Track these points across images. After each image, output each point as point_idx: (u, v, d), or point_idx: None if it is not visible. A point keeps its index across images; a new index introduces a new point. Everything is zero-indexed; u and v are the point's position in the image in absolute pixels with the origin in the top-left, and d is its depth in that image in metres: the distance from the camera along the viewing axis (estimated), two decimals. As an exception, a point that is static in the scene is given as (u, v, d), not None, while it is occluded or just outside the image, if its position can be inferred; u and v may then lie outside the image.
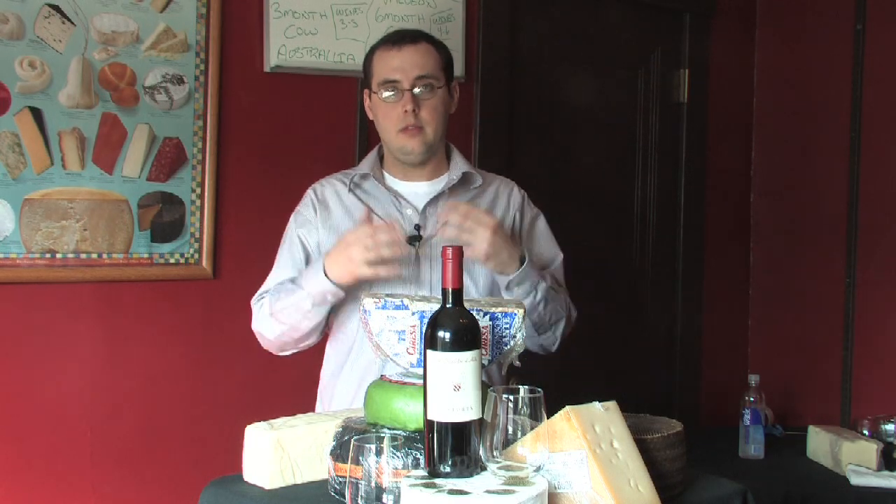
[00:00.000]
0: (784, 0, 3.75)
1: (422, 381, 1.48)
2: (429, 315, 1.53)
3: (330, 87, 2.74)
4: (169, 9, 2.48)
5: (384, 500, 1.40)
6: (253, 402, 2.50)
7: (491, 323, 1.66)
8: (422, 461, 1.49)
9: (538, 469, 1.42)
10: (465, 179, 2.18)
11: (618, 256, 3.52)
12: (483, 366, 1.54)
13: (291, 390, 2.33)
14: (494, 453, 1.41)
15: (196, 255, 2.55)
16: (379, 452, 1.40)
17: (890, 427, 3.05)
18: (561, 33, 3.31)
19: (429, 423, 1.46)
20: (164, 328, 2.53)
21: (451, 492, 1.37)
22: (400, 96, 2.08)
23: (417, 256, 2.10)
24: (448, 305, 1.48)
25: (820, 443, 3.04)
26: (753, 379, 3.17)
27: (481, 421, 1.44)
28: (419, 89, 2.08)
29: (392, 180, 2.19)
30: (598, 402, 1.55)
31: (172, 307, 2.53)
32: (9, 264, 2.31)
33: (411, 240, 2.10)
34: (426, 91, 2.09)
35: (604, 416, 1.54)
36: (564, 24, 3.32)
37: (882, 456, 2.88)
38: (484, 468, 1.45)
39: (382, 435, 1.50)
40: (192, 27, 2.51)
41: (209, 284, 2.57)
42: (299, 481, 1.66)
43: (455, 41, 2.86)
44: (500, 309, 1.67)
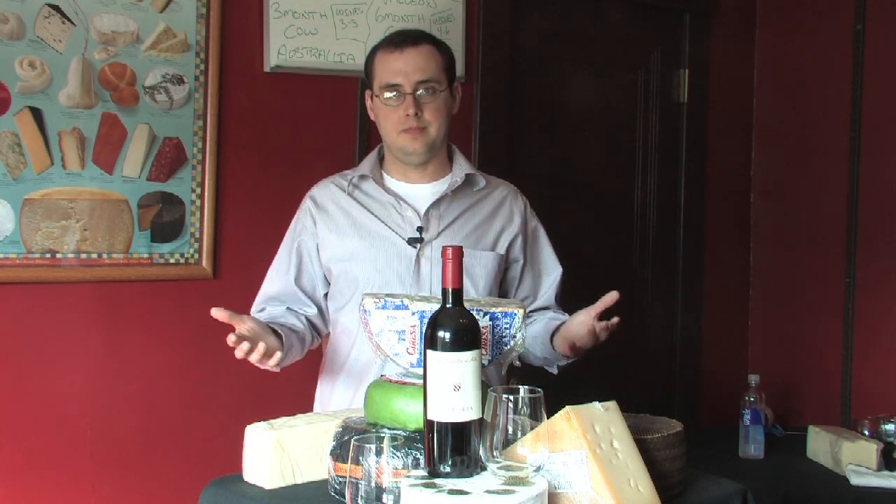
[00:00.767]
0: (784, 0, 3.75)
1: (422, 381, 1.48)
2: (429, 315, 1.53)
3: (330, 87, 2.74)
4: (169, 9, 2.48)
5: (384, 500, 1.40)
6: (253, 402, 2.50)
7: (491, 323, 1.66)
8: (422, 461, 1.49)
9: (538, 469, 1.42)
10: (467, 181, 2.18)
11: (618, 256, 3.52)
12: (483, 366, 1.54)
13: (291, 390, 2.32)
14: (494, 453, 1.41)
15: (196, 255, 2.55)
16: (379, 452, 1.40)
17: (890, 427, 3.04)
18: (561, 33, 3.31)
19: (429, 423, 1.46)
20: (164, 328, 2.53)
21: (451, 492, 1.37)
22: (402, 100, 2.06)
23: (418, 258, 2.10)
24: (448, 305, 1.48)
25: (820, 443, 3.04)
26: (753, 379, 3.17)
27: (481, 421, 1.44)
28: (421, 92, 2.06)
29: (392, 181, 2.18)
30: (598, 402, 1.55)
31: (172, 307, 2.53)
32: (9, 264, 2.31)
33: (412, 242, 2.10)
34: (428, 94, 2.07)
35: (604, 416, 1.54)
36: (564, 24, 3.32)
37: (882, 456, 2.88)
38: (484, 468, 1.45)
39: (382, 435, 1.50)
40: (192, 27, 2.51)
41: (209, 284, 2.57)
42: (299, 481, 1.66)
43: (455, 41, 2.86)
44: (500, 309, 1.67)
